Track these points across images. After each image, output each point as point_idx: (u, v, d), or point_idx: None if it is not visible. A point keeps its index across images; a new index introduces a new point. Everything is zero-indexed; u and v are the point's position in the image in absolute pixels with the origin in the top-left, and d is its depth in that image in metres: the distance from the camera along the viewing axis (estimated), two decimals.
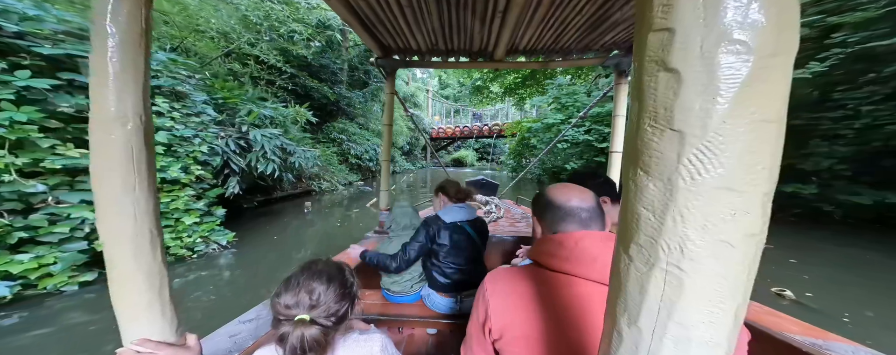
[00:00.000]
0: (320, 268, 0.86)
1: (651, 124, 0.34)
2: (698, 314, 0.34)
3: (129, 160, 0.70)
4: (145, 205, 0.73)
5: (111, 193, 0.71)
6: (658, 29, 0.33)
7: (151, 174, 0.76)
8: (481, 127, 26.21)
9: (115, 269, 0.73)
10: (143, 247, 0.73)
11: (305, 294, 0.80)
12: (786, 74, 0.32)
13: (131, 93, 0.70)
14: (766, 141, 0.32)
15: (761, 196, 0.32)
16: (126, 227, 0.72)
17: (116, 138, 0.69)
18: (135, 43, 0.70)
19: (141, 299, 0.74)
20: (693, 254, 0.33)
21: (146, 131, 0.73)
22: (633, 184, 0.36)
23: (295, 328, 0.76)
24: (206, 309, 3.51)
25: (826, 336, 1.22)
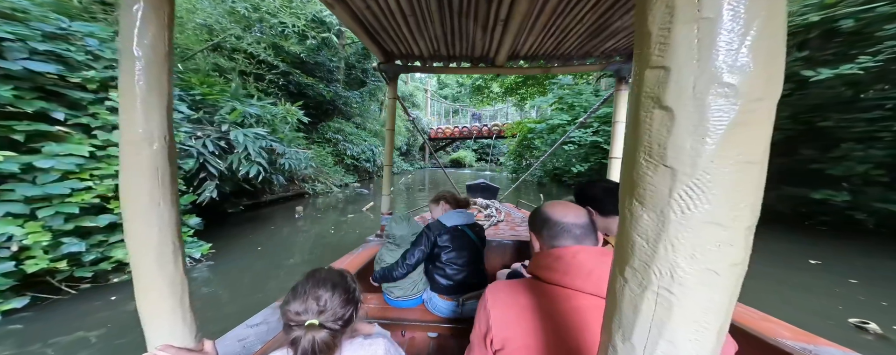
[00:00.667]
0: (324, 276, 0.90)
1: (646, 158, 0.36)
2: (685, 333, 0.36)
3: (154, 177, 0.75)
4: (169, 218, 0.77)
5: (139, 208, 0.74)
6: (655, 66, 0.34)
7: (174, 189, 0.79)
8: (481, 127, 25.63)
9: (141, 278, 0.77)
10: (167, 256, 0.77)
11: (313, 300, 0.84)
12: (769, 118, 0.33)
13: (157, 113, 0.73)
14: (749, 181, 0.34)
15: (744, 230, 0.35)
16: (152, 239, 0.75)
17: (144, 158, 0.73)
18: (160, 65, 0.72)
19: (164, 306, 0.78)
20: (682, 280, 0.35)
21: (170, 150, 0.77)
22: (629, 212, 0.38)
23: (306, 332, 0.80)
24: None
25: (816, 340, 1.25)
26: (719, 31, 0.31)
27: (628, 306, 0.39)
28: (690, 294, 0.35)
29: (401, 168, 23.14)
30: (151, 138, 0.73)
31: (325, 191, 11.69)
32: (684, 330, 0.36)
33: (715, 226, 0.33)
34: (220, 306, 3.46)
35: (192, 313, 0.83)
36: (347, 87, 16.38)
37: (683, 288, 0.35)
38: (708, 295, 0.35)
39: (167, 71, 0.74)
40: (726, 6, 0.31)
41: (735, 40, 0.31)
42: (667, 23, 0.33)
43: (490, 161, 33.56)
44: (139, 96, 0.70)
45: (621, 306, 0.40)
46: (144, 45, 0.69)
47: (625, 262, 0.39)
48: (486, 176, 19.52)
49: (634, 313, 0.38)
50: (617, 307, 0.40)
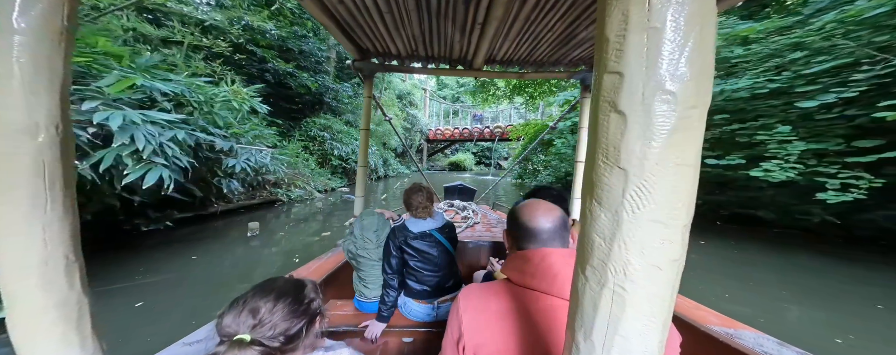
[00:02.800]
0: (272, 286, 0.78)
1: (603, 160, 0.37)
2: (635, 327, 0.38)
3: (38, 177, 0.57)
4: (59, 228, 0.60)
5: (13, 216, 0.57)
6: (611, 71, 0.35)
7: (69, 192, 0.62)
8: (482, 129, 23.56)
9: (17, 306, 0.59)
10: (56, 275, 0.60)
11: (248, 313, 0.71)
12: (701, 124, 0.35)
13: (45, 98, 0.57)
14: (685, 182, 0.35)
15: (681, 228, 0.37)
16: (33, 255, 0.58)
17: (23, 152, 0.56)
18: (52, 41, 0.57)
19: (53, 334, 0.61)
20: (633, 276, 0.37)
21: (63, 143, 0.60)
22: (589, 212, 0.39)
23: (228, 349, 0.67)
24: None
25: (737, 326, 1.34)
26: (664, 40, 0.33)
27: (589, 304, 0.40)
28: (639, 290, 0.37)
29: (397, 170, 21.03)
30: (35, 128, 0.56)
31: (305, 197, 9.58)
32: (634, 324, 0.38)
33: (658, 225, 0.35)
34: None
35: (95, 338, 0.66)
36: (338, 81, 14.30)
37: (634, 285, 0.37)
38: (653, 290, 0.37)
39: (64, 49, 0.57)
40: (669, 17, 0.33)
41: (676, 50, 0.33)
42: (622, 30, 0.34)
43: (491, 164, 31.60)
44: (18, 76, 0.53)
45: (583, 304, 0.41)
46: (30, 15, 0.53)
47: (585, 261, 0.40)
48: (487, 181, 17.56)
49: (594, 311, 0.39)
50: (579, 305, 0.41)
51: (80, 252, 0.65)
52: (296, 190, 9.38)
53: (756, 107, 4.98)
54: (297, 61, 11.76)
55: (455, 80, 32.58)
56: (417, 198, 1.70)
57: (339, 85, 13.69)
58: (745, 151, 5.05)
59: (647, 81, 0.33)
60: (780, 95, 4.72)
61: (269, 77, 10.33)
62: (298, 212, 8.08)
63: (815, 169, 4.32)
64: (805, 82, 4.33)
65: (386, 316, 1.62)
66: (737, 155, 5.09)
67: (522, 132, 16.91)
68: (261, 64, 10.05)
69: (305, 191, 9.74)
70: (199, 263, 4.19)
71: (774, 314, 3.25)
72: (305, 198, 9.58)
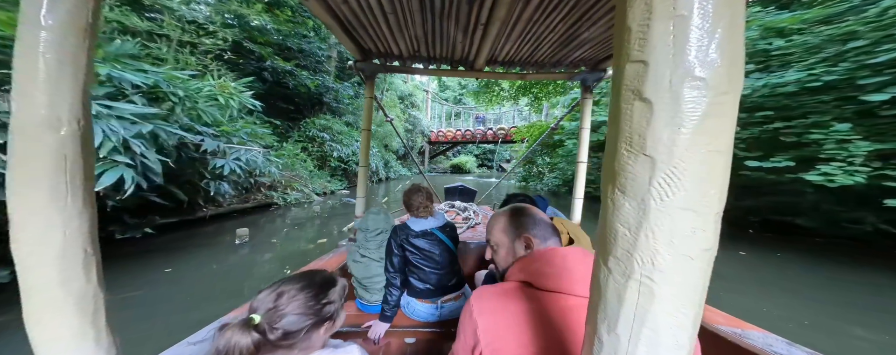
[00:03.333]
0: (308, 276, 0.79)
1: (627, 148, 0.35)
2: (665, 320, 0.36)
3: (60, 170, 0.57)
4: (78, 222, 0.60)
5: (34, 208, 0.57)
6: (635, 60, 0.34)
7: (88, 186, 0.62)
8: (485, 131, 23.01)
9: (34, 297, 0.58)
10: (74, 268, 0.59)
11: (275, 294, 0.73)
12: (734, 110, 0.34)
13: (68, 94, 0.57)
14: (717, 169, 0.34)
15: (713, 216, 0.35)
16: (52, 247, 0.57)
17: (46, 145, 0.56)
18: (77, 38, 0.56)
19: (69, 327, 0.60)
20: (662, 266, 0.35)
21: (84, 137, 0.60)
22: (612, 202, 0.37)
23: (233, 331, 0.67)
24: None
25: (744, 326, 1.30)
26: (691, 28, 0.32)
27: (613, 296, 0.38)
28: (669, 280, 0.35)
29: (398, 173, 20.47)
30: (58, 122, 0.55)
31: (303, 200, 9.02)
32: (665, 317, 0.36)
33: (689, 213, 0.34)
34: None
35: (109, 333, 0.65)
36: (339, 80, 13.77)
37: (663, 275, 0.35)
38: (684, 281, 0.36)
39: (87, 46, 0.58)
40: (697, 5, 0.32)
41: (704, 37, 0.32)
42: (646, 19, 0.34)
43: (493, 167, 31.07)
44: (43, 71, 0.54)
45: (606, 297, 0.39)
46: (57, 11, 0.54)
47: (608, 252, 0.38)
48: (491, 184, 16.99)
49: (619, 303, 0.38)
50: (601, 298, 0.40)
51: (97, 246, 0.64)
52: (293, 193, 8.80)
53: (803, 103, 4.43)
54: (297, 60, 11.24)
55: (457, 82, 32.10)
56: (417, 199, 1.68)
57: (339, 84, 13.16)
58: (792, 152, 4.49)
59: (674, 69, 0.32)
60: (830, 90, 4.18)
61: (267, 75, 9.80)
62: (294, 217, 7.51)
63: (882, 171, 3.76)
64: (871, 73, 3.77)
65: (389, 315, 1.58)
66: (782, 156, 4.53)
67: (527, 134, 16.38)
68: (259, 62, 9.52)
69: (303, 194, 9.18)
70: (171, 277, 3.61)
71: (845, 340, 2.68)
72: (303, 201, 9.01)
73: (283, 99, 10.95)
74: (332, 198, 10.58)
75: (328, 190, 11.08)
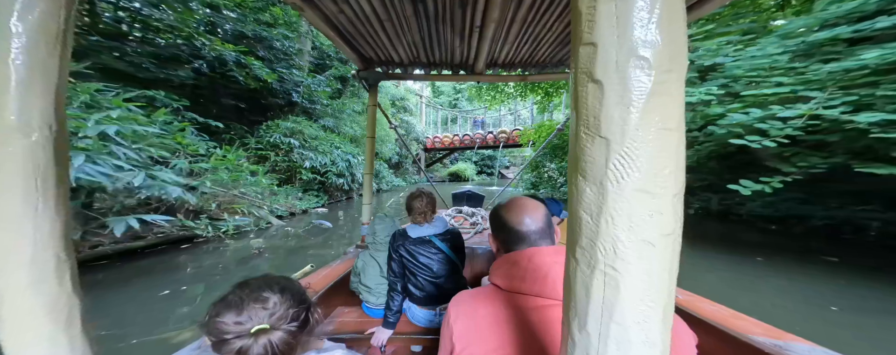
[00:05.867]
0: (265, 280, 0.71)
1: (585, 131, 0.35)
2: (632, 314, 0.34)
3: (30, 176, 0.55)
4: (50, 228, 0.58)
5: (5, 215, 0.54)
6: (585, 43, 0.34)
7: (62, 190, 0.60)
8: (485, 135, 20.49)
9: (4, 302, 0.56)
10: (46, 274, 0.57)
11: (257, 304, 0.64)
12: (680, 88, 0.33)
13: (39, 100, 0.55)
14: (670, 147, 0.33)
15: (671, 197, 0.33)
16: (22, 253, 0.56)
17: (16, 151, 0.54)
18: (48, 45, 0.55)
19: (41, 333, 0.58)
20: (623, 254, 0.33)
21: (57, 143, 0.58)
22: (575, 188, 0.36)
23: (256, 338, 0.61)
24: None
25: (785, 336, 1.18)
26: (633, 9, 0.32)
27: (581, 290, 0.36)
28: (632, 269, 0.33)
29: (391, 184, 17.85)
30: (28, 128, 0.54)
31: (249, 228, 6.37)
32: (631, 310, 0.34)
33: (645, 194, 0.33)
34: None
35: (84, 340, 0.61)
36: (313, 76, 11.23)
37: (625, 264, 0.33)
38: (647, 269, 0.34)
39: (60, 52, 0.56)
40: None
41: (645, 17, 0.32)
42: (593, 1, 0.34)
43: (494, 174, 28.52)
44: (14, 78, 0.53)
45: (575, 291, 0.37)
46: (28, 20, 0.52)
47: (575, 242, 0.37)
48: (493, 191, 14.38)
49: (587, 297, 0.35)
50: (572, 294, 0.37)
51: (72, 251, 0.62)
52: (235, 218, 6.16)
53: None
54: (254, 49, 8.70)
55: (452, 86, 29.74)
56: (417, 203, 1.61)
57: (311, 78, 10.58)
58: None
59: (620, 49, 0.32)
60: None
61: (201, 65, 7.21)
62: (224, 258, 4.86)
63: None
64: None
65: (392, 321, 1.53)
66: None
67: (534, 136, 13.94)
68: (188, 43, 6.94)
69: (252, 219, 6.53)
70: None
71: None
72: (249, 229, 6.36)
73: (235, 96, 8.37)
74: (300, 220, 7.93)
75: (296, 209, 8.43)
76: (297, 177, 9.40)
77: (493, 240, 0.82)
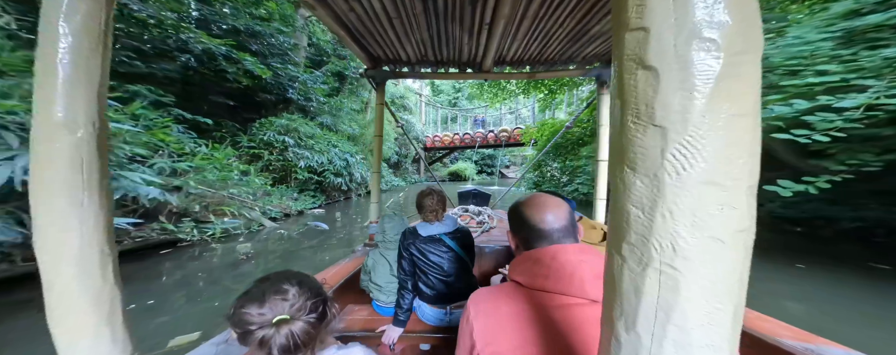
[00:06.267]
0: (284, 275, 0.73)
1: (634, 121, 0.32)
2: (696, 315, 0.31)
3: (77, 171, 0.57)
4: (94, 222, 0.59)
5: (54, 208, 0.57)
6: (634, 28, 0.32)
7: (104, 186, 0.62)
8: (486, 134, 20.07)
9: (53, 293, 0.58)
10: (91, 266, 0.59)
11: (277, 296, 0.67)
12: (755, 70, 0.31)
13: (83, 98, 0.58)
14: (743, 134, 0.30)
15: (745, 190, 0.30)
16: (70, 246, 0.58)
17: (64, 147, 0.57)
18: (91, 45, 0.58)
19: (86, 323, 0.60)
20: (685, 252, 0.30)
21: (99, 139, 0.61)
22: (621, 181, 0.33)
23: (278, 328, 0.63)
24: None
25: (816, 340, 1.11)
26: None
27: (629, 288, 0.32)
28: (695, 268, 0.30)
29: (390, 183, 17.44)
30: (74, 124, 0.56)
31: (238, 231, 5.96)
32: (694, 311, 0.30)
33: (713, 187, 0.29)
34: None
35: (126, 331, 0.64)
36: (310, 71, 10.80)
37: (687, 262, 0.30)
38: (715, 269, 0.30)
39: (101, 52, 0.59)
40: None
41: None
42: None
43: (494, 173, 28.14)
44: (61, 76, 0.55)
45: (621, 289, 0.33)
46: (74, 21, 0.55)
47: (621, 238, 0.33)
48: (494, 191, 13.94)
49: (637, 296, 0.32)
50: (617, 291, 0.33)
51: (114, 245, 0.64)
52: (224, 220, 5.75)
53: None
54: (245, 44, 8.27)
55: (451, 85, 29.33)
56: (428, 201, 1.59)
57: (308, 74, 10.15)
58: None
59: (678, 33, 0.29)
60: None
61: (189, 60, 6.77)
62: (209, 263, 4.45)
63: None
64: None
65: (402, 319, 1.52)
66: None
67: (537, 134, 13.53)
68: (176, 35, 6.51)
69: (243, 221, 6.12)
70: None
71: None
72: (239, 232, 5.95)
73: (227, 93, 7.95)
74: (296, 221, 7.51)
75: (291, 210, 8.02)
76: (292, 177, 8.99)
77: (512, 236, 0.79)
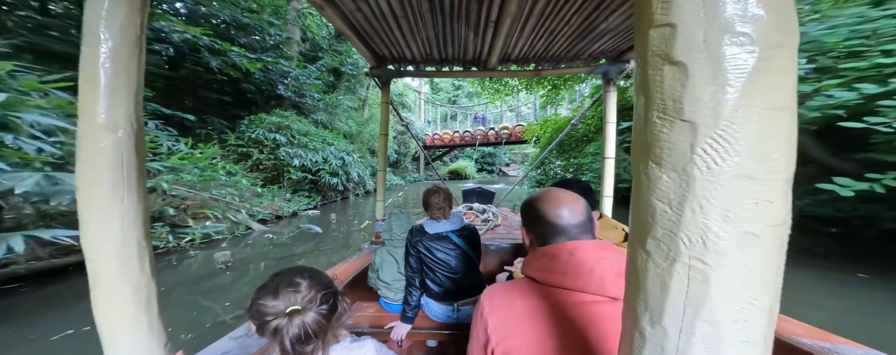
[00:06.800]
0: (296, 269, 0.77)
1: (660, 116, 0.31)
2: (729, 311, 0.30)
3: (118, 169, 0.62)
4: (134, 216, 0.64)
5: (98, 203, 0.61)
6: (659, 24, 0.31)
7: (141, 183, 0.67)
8: (487, 132, 19.54)
9: (99, 283, 0.63)
10: (130, 259, 0.64)
11: (289, 289, 0.70)
12: (791, 64, 0.30)
13: (123, 100, 0.62)
14: (779, 128, 0.29)
15: (781, 183, 0.29)
16: (112, 239, 0.62)
17: (106, 146, 0.61)
18: (129, 50, 0.62)
19: (126, 314, 0.64)
20: (717, 247, 0.29)
21: (137, 139, 0.65)
22: (646, 176, 0.32)
23: (291, 319, 0.67)
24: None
25: (832, 339, 1.07)
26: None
27: (654, 283, 0.32)
28: (728, 263, 0.29)
29: (390, 183, 16.93)
30: (115, 125, 0.60)
31: (223, 235, 5.46)
32: (727, 307, 0.29)
33: (748, 181, 0.28)
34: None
35: (160, 322, 0.69)
36: (303, 66, 10.27)
37: (719, 257, 0.29)
38: (750, 264, 0.29)
39: (138, 56, 0.63)
40: None
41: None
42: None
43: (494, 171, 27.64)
44: (103, 80, 0.59)
45: (646, 285, 0.32)
46: (113, 28, 0.59)
47: (645, 233, 0.32)
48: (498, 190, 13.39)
49: (663, 291, 0.31)
50: (641, 287, 0.33)
51: (150, 239, 0.66)
52: (206, 224, 5.25)
53: None
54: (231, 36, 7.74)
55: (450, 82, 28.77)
56: (435, 199, 1.59)
57: (301, 69, 9.62)
58: None
59: (708, 28, 0.28)
60: None
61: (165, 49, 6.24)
62: (181, 275, 3.94)
63: None
64: None
65: (411, 316, 1.52)
66: None
67: (539, 131, 13.01)
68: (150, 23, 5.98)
69: (228, 225, 5.61)
70: None
71: None
72: (223, 236, 5.44)
73: (216, 88, 7.43)
74: (288, 223, 7.01)
75: (283, 212, 7.51)
76: (285, 177, 8.48)
77: (526, 232, 0.76)
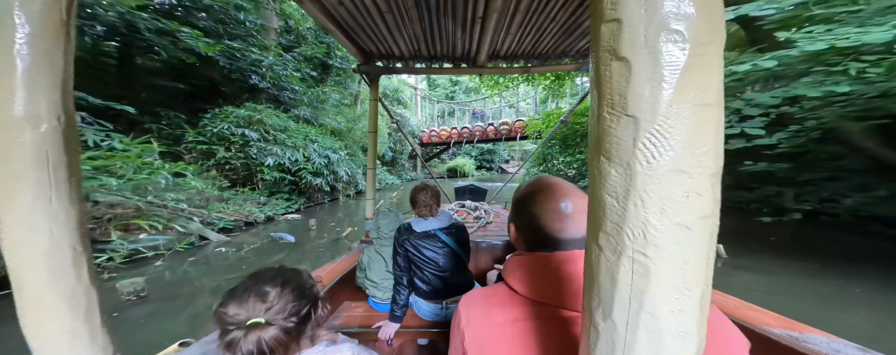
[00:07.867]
0: (273, 273, 0.70)
1: (609, 111, 0.32)
2: (665, 302, 0.31)
3: (42, 167, 0.54)
4: (65, 219, 0.56)
5: (19, 207, 0.53)
6: (608, 20, 0.32)
7: (74, 182, 0.58)
8: (485, 127, 18.44)
9: (24, 295, 0.55)
10: (63, 266, 0.56)
11: (256, 299, 0.63)
12: (718, 61, 0.31)
13: (46, 91, 0.54)
14: (707, 123, 0.30)
15: (709, 177, 0.31)
16: (39, 245, 0.54)
17: (26, 142, 0.53)
18: (51, 35, 0.54)
19: (61, 327, 0.56)
20: (655, 239, 0.30)
21: (66, 134, 0.56)
22: (598, 171, 0.33)
23: (248, 332, 0.59)
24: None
25: (801, 328, 1.09)
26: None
27: (606, 277, 0.33)
28: (664, 255, 0.30)
29: (386, 182, 15.91)
30: (37, 119, 0.53)
31: (162, 249, 4.44)
32: (664, 298, 0.30)
33: (680, 174, 0.30)
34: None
35: (106, 335, 0.61)
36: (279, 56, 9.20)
37: (657, 249, 0.30)
38: (682, 255, 0.30)
39: (65, 41, 0.55)
40: None
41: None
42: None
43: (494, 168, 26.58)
44: (20, 70, 0.51)
45: (599, 279, 0.33)
46: (31, 10, 0.51)
47: (598, 227, 0.33)
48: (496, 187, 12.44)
49: (612, 285, 0.32)
50: (594, 281, 0.34)
51: (87, 243, 0.60)
52: (141, 236, 4.23)
53: None
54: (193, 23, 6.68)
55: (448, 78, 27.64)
56: (422, 196, 1.56)
57: (276, 59, 8.55)
58: None
59: (648, 24, 0.29)
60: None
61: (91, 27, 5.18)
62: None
63: None
64: None
65: (399, 315, 1.49)
66: None
67: (541, 126, 11.95)
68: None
69: (172, 238, 4.59)
70: None
71: None
72: (160, 252, 4.42)
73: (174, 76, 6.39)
74: (260, 231, 5.99)
75: (254, 218, 6.49)
76: (258, 178, 7.46)
77: (514, 228, 0.65)
